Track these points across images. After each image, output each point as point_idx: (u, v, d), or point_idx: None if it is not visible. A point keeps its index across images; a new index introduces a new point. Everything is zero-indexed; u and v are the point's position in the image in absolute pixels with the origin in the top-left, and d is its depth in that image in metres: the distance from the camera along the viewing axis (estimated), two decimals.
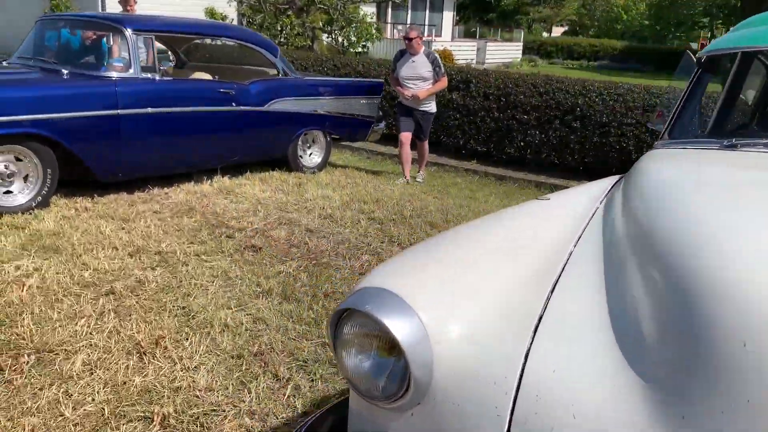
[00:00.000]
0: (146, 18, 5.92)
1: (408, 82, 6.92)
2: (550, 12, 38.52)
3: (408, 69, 6.90)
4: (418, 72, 6.85)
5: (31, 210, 4.86)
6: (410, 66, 6.88)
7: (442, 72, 6.93)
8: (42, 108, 4.80)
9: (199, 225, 4.87)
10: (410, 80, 6.90)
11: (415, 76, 6.88)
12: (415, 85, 6.89)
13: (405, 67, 6.91)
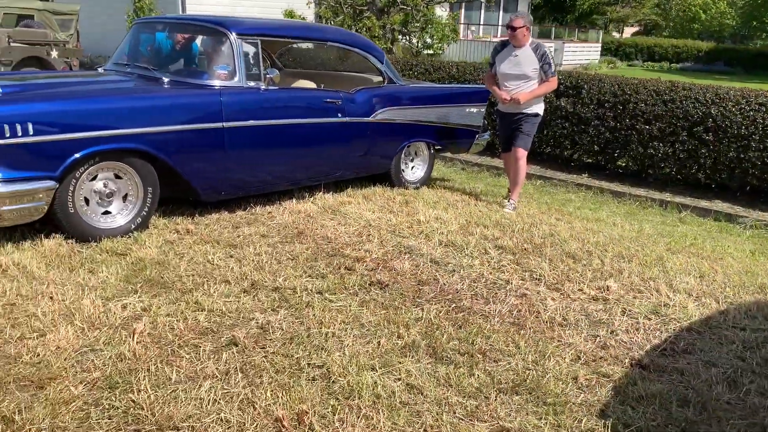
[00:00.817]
0: (251, 21, 5.44)
1: (507, 82, 5.82)
2: (628, 11, 36.90)
3: (509, 65, 5.77)
4: (522, 69, 5.73)
5: (130, 233, 4.43)
6: (512, 61, 5.75)
7: (551, 71, 5.76)
8: (144, 121, 4.35)
9: (313, 253, 4.33)
10: (510, 79, 5.81)
11: (516, 74, 5.77)
12: (516, 85, 5.78)
13: (506, 62, 5.78)
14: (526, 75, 5.74)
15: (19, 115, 3.83)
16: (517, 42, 5.72)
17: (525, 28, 5.68)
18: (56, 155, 3.98)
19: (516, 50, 5.74)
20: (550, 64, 5.76)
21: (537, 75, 5.73)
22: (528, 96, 5.74)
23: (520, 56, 5.72)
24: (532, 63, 5.70)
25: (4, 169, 3.82)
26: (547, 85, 5.82)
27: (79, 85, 4.70)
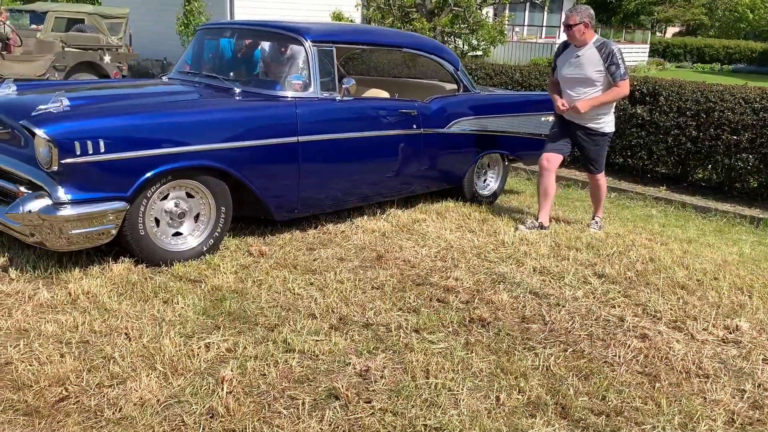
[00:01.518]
0: (325, 26, 5.10)
1: (570, 89, 5.02)
2: (677, 11, 35.81)
3: (570, 68, 5.00)
4: (584, 72, 4.91)
5: (202, 255, 4.12)
6: (573, 63, 4.96)
7: (621, 73, 4.83)
8: (219, 136, 4.04)
9: (399, 282, 3.96)
10: (572, 84, 5.00)
11: (578, 78, 4.95)
12: (579, 92, 4.97)
13: (567, 65, 5.02)
14: (589, 79, 4.91)
15: (91, 131, 3.54)
16: (576, 41, 4.94)
17: (583, 24, 4.84)
18: (128, 174, 3.69)
19: (578, 50, 4.95)
20: (618, 65, 4.83)
21: (603, 79, 4.90)
22: (589, 104, 4.89)
23: (582, 57, 4.92)
24: (595, 64, 4.87)
25: (72, 189, 3.54)
26: (615, 92, 4.91)
27: (148, 97, 4.41)
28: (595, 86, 4.93)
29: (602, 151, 5.20)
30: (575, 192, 7.49)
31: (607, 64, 4.83)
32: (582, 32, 4.88)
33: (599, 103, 4.93)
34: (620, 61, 4.84)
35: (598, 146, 5.14)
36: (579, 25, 4.85)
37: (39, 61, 8.60)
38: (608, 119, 5.10)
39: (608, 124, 5.11)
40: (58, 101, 3.78)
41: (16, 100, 4.17)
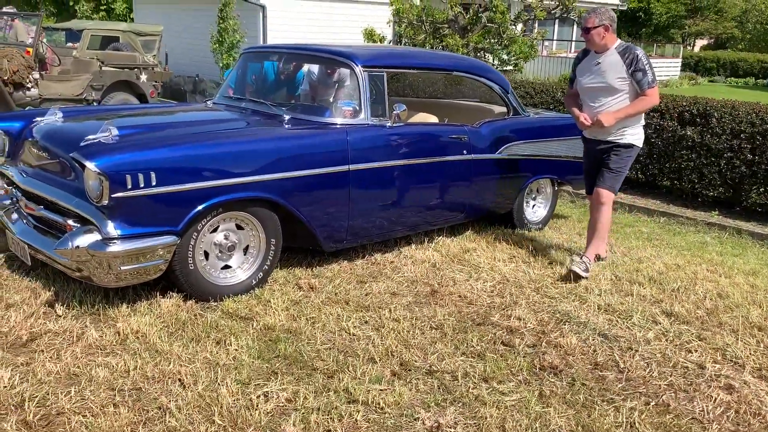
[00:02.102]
0: (376, 50, 4.95)
1: (591, 100, 4.52)
2: (708, 25, 35.26)
3: (590, 77, 4.49)
4: (606, 79, 4.40)
5: (252, 289, 3.96)
6: (594, 71, 4.47)
7: (648, 80, 4.30)
8: (271, 166, 3.88)
9: (458, 321, 3.76)
10: (593, 95, 4.50)
11: (599, 87, 4.45)
12: (601, 103, 4.46)
13: (587, 73, 4.53)
14: (612, 87, 4.39)
15: (142, 163, 3.41)
16: (595, 47, 4.44)
17: (602, 27, 4.35)
18: (179, 207, 3.55)
19: (599, 57, 4.46)
20: (645, 70, 4.30)
21: (628, 87, 4.38)
22: (614, 116, 4.36)
23: (603, 63, 4.42)
24: (618, 71, 4.35)
25: (122, 224, 3.40)
26: (642, 101, 4.36)
27: (198, 125, 4.27)
28: (619, 96, 4.41)
29: (622, 163, 4.53)
30: (623, 216, 7.23)
31: (632, 70, 4.32)
32: (602, 36, 4.37)
33: (625, 115, 4.38)
34: (647, 67, 4.31)
35: (618, 156, 4.51)
36: (598, 28, 4.36)
37: (76, 81, 8.59)
38: (634, 131, 4.52)
39: (634, 136, 4.53)
40: (107, 131, 3.66)
41: (64, 129, 4.07)
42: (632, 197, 7.93)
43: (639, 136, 4.58)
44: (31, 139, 4.18)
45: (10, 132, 4.35)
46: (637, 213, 7.44)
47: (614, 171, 4.55)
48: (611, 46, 4.42)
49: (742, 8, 36.78)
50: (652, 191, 8.13)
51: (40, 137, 4.03)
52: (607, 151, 4.56)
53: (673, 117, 7.69)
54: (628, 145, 4.52)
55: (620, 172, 4.57)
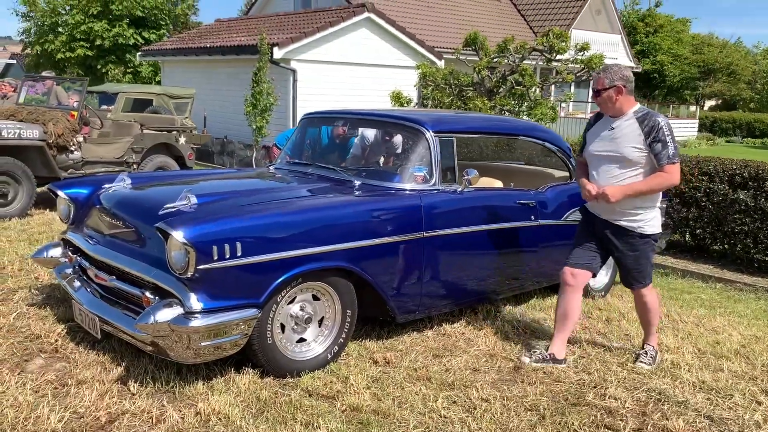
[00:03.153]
0: (446, 116, 4.88)
1: (598, 169, 3.92)
2: (721, 87, 35.65)
3: (601, 143, 3.91)
4: (618, 149, 3.80)
5: (327, 364, 3.76)
6: (605, 137, 3.88)
7: (669, 154, 3.66)
8: (350, 234, 3.75)
9: (551, 401, 3.53)
10: (602, 164, 3.90)
11: (609, 156, 3.85)
12: (611, 174, 3.85)
13: (598, 139, 3.94)
14: (625, 158, 3.76)
15: (228, 233, 3.27)
16: (608, 110, 3.87)
17: (614, 89, 3.76)
18: (262, 278, 3.40)
19: (613, 122, 3.86)
20: (666, 142, 3.66)
21: (645, 160, 3.73)
22: (623, 191, 3.74)
23: (617, 130, 3.82)
24: (634, 140, 3.73)
25: (206, 297, 3.24)
26: (658, 178, 3.71)
27: (272, 192, 4.16)
28: (633, 169, 3.78)
29: (644, 258, 3.94)
30: (676, 281, 7.00)
31: (650, 140, 3.68)
32: (614, 99, 3.79)
33: (635, 192, 3.74)
34: (668, 138, 3.67)
35: (636, 252, 3.91)
36: (609, 90, 3.77)
37: (118, 144, 8.60)
38: (650, 216, 3.87)
39: (649, 222, 3.87)
40: (186, 199, 3.56)
41: (137, 196, 3.98)
42: (684, 262, 7.73)
43: (655, 223, 3.91)
44: (100, 206, 4.08)
45: (76, 199, 4.26)
46: (690, 278, 7.22)
47: (638, 270, 3.97)
48: (628, 111, 3.82)
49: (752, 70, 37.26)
50: (703, 255, 7.93)
51: (112, 205, 3.93)
52: (617, 237, 3.93)
53: (723, 180, 7.56)
54: (642, 236, 3.89)
55: (643, 265, 3.97)
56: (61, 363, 3.66)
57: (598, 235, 4.05)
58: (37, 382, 3.39)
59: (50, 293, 4.82)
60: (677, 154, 3.71)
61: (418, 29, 17.95)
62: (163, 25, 23.23)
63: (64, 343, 3.90)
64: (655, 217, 3.92)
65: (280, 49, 13.42)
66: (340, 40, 14.63)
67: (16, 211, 7.47)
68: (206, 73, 16.36)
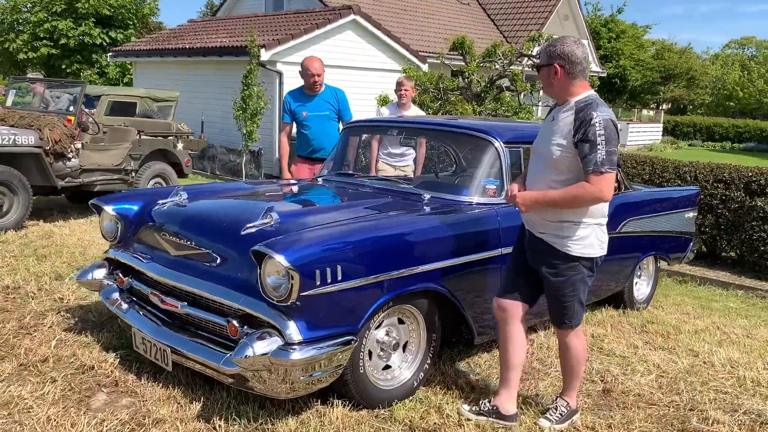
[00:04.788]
0: (512, 126, 4.67)
1: (530, 167, 3.27)
2: (681, 92, 36.57)
3: (539, 136, 3.22)
4: (545, 145, 3.08)
5: (414, 392, 3.52)
6: (545, 130, 3.16)
7: (596, 159, 2.85)
8: (438, 254, 3.50)
9: (659, 426, 3.37)
10: (533, 162, 3.23)
11: (537, 152, 3.18)
12: (535, 174, 3.18)
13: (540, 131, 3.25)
14: (548, 156, 3.05)
15: (332, 254, 3.00)
16: (550, 94, 3.15)
17: (549, 69, 3.00)
18: (359, 303, 3.14)
19: (559, 111, 3.08)
20: (595, 144, 2.84)
21: (570, 162, 2.97)
22: (533, 198, 3.06)
23: (555, 122, 3.05)
24: (562, 135, 2.98)
25: (305, 326, 2.97)
26: (577, 189, 2.93)
27: (346, 208, 3.86)
28: (557, 172, 3.03)
29: (569, 288, 3.10)
30: (696, 289, 6.98)
31: (577, 138, 2.89)
32: (550, 81, 3.04)
33: (548, 202, 3.02)
34: (599, 140, 2.83)
35: (559, 278, 3.09)
36: (543, 69, 3.03)
37: (116, 150, 8.11)
38: (579, 233, 3.04)
39: (578, 241, 3.05)
40: (268, 217, 3.27)
41: (208, 213, 3.65)
42: (700, 269, 7.73)
43: (586, 243, 3.05)
44: (157, 223, 3.75)
45: (126, 216, 3.90)
46: (710, 286, 7.21)
47: (562, 302, 3.13)
48: (571, 99, 3.01)
49: (712, 76, 38.38)
50: (716, 262, 7.96)
51: (177, 222, 3.60)
52: (540, 255, 3.16)
53: (739, 188, 7.59)
54: (567, 257, 3.06)
55: (569, 296, 3.11)
56: (127, 398, 3.32)
57: (523, 251, 3.30)
58: (111, 423, 3.06)
59: (83, 316, 4.44)
60: (608, 162, 2.84)
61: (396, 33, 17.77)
62: (131, 24, 22.49)
63: (122, 374, 3.56)
64: (587, 237, 3.04)
65: (267, 50, 13.05)
66: (326, 42, 14.34)
67: (11, 223, 6.96)
68: (183, 75, 15.82)
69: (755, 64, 54.45)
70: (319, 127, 5.56)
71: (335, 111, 5.62)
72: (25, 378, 3.47)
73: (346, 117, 5.63)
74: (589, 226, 3.07)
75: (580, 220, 3.05)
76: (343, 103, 5.65)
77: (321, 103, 5.57)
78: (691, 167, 8.07)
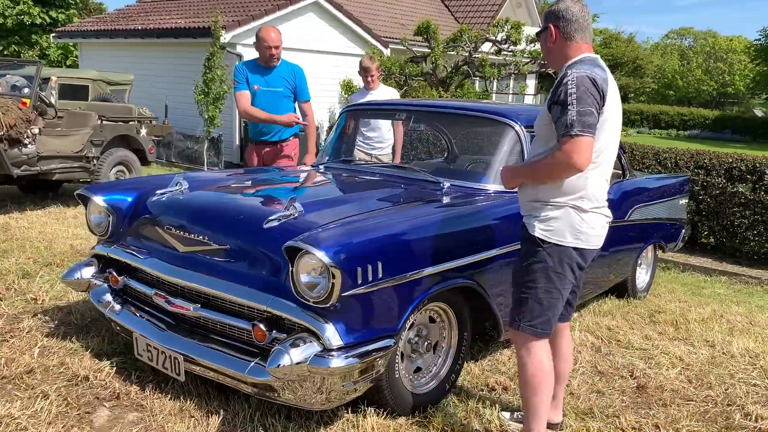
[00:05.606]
0: (527, 109, 4.42)
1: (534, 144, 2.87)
2: (627, 81, 37.34)
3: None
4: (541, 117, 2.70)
5: (445, 395, 3.27)
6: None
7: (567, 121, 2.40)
8: (471, 247, 3.25)
9: (703, 424, 3.22)
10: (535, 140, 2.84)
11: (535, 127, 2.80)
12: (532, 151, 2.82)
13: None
14: (537, 129, 2.75)
15: (374, 250, 2.71)
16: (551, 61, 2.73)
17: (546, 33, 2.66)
18: (399, 303, 2.85)
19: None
20: (566, 105, 2.41)
21: (549, 132, 2.60)
22: (511, 172, 2.79)
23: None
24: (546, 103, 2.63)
25: (345, 330, 2.66)
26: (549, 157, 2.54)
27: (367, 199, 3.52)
28: (539, 144, 2.71)
29: (527, 275, 2.65)
30: (679, 275, 6.98)
31: (550, 101, 2.53)
32: (548, 47, 2.68)
33: (521, 174, 2.72)
34: (571, 99, 2.41)
35: (521, 263, 2.70)
36: (543, 33, 2.69)
37: (76, 136, 7.51)
38: (546, 214, 2.61)
39: (545, 223, 2.62)
40: (292, 208, 2.95)
41: (221, 204, 3.29)
42: (682, 255, 7.72)
43: (552, 227, 2.60)
44: (154, 216, 3.36)
45: (117, 207, 3.50)
46: (693, 272, 7.22)
47: (517, 291, 2.70)
48: (565, 65, 2.58)
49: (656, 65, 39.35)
50: (695, 248, 7.99)
51: (179, 215, 3.23)
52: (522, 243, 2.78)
53: (720, 174, 7.61)
54: (532, 240, 2.64)
55: (527, 293, 2.64)
56: (133, 413, 2.95)
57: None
58: None
59: (63, 319, 4.01)
60: (580, 124, 2.38)
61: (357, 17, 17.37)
62: (73, 4, 21.33)
63: (122, 386, 3.18)
64: (554, 219, 2.59)
65: (227, 32, 12.48)
66: (287, 24, 13.83)
67: None
68: (135, 58, 15.04)
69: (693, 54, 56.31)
70: (269, 105, 4.93)
71: (291, 89, 5.03)
72: (11, 393, 3.06)
73: (303, 98, 5.08)
74: (561, 208, 2.58)
75: (548, 200, 2.60)
76: (300, 81, 5.06)
77: (276, 78, 4.97)
78: (671, 153, 8.07)
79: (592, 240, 2.65)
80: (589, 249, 2.66)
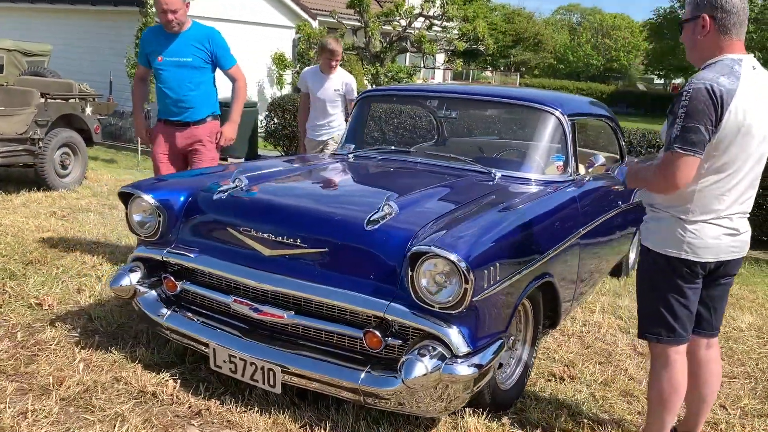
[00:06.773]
0: (569, 98, 4.42)
1: None
2: (529, 55, 38.62)
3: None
4: None
5: (524, 388, 3.28)
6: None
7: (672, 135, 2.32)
8: (551, 240, 3.25)
9: (754, 392, 3.42)
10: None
11: None
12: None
13: None
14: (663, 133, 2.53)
15: (494, 251, 2.64)
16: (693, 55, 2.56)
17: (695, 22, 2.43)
18: (508, 303, 2.81)
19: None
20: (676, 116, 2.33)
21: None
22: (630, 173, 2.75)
23: None
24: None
25: (469, 335, 2.59)
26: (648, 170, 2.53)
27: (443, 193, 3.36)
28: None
29: (647, 283, 2.63)
30: None
31: (669, 108, 2.41)
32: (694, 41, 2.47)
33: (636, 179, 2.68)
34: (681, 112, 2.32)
35: (640, 271, 2.69)
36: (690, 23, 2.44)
37: (19, 116, 6.78)
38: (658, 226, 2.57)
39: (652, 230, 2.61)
40: (387, 206, 2.82)
41: (301, 202, 3.07)
42: None
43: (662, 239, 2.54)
44: (216, 215, 3.12)
45: (170, 206, 3.20)
46: None
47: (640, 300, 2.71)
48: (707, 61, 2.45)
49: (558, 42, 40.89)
50: None
51: (254, 215, 3.00)
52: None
53: None
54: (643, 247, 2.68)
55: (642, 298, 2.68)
56: (226, 431, 2.74)
57: None
58: None
59: (87, 326, 3.66)
60: (682, 141, 2.29)
61: None
62: None
63: (197, 401, 2.94)
64: (659, 230, 2.54)
65: None
66: None
67: None
68: (42, 25, 13.80)
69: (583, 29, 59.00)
70: (176, 78, 4.28)
71: (207, 59, 4.32)
72: (81, 418, 2.75)
73: (227, 65, 4.40)
74: (665, 219, 2.50)
75: (653, 207, 2.59)
76: (218, 47, 4.33)
77: (184, 46, 4.25)
78: (626, 133, 8.41)
79: (700, 252, 2.43)
80: (700, 261, 2.45)
